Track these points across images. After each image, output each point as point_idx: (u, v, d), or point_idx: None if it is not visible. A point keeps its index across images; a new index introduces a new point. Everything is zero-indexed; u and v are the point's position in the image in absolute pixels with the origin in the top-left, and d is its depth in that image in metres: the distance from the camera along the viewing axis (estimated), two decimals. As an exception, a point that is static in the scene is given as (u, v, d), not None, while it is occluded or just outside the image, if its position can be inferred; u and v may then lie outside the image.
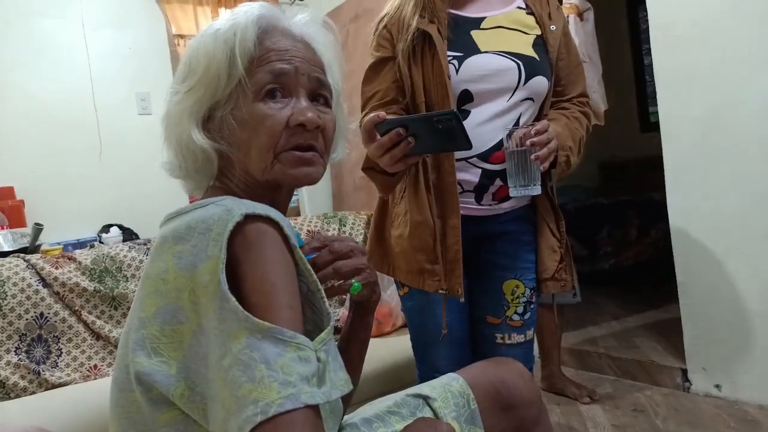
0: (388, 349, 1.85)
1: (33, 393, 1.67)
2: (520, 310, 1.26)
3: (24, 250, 2.05)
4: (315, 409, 0.58)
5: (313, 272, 0.68)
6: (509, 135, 1.11)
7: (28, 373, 1.69)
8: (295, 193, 3.56)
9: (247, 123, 0.72)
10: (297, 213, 3.22)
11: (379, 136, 1.00)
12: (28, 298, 1.76)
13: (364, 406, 0.95)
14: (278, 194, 0.76)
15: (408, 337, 1.99)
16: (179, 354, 0.62)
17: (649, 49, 2.19)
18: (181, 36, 3.06)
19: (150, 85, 2.80)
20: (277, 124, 0.72)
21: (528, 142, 1.07)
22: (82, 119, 2.63)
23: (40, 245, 2.16)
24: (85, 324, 1.83)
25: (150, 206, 2.40)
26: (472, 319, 1.30)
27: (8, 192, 2.38)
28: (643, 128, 4.74)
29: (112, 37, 2.75)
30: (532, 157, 1.08)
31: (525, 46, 1.20)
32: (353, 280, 0.82)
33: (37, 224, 2.15)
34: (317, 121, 0.73)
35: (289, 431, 0.55)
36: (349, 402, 0.90)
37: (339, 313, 2.13)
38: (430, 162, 1.18)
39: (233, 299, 0.59)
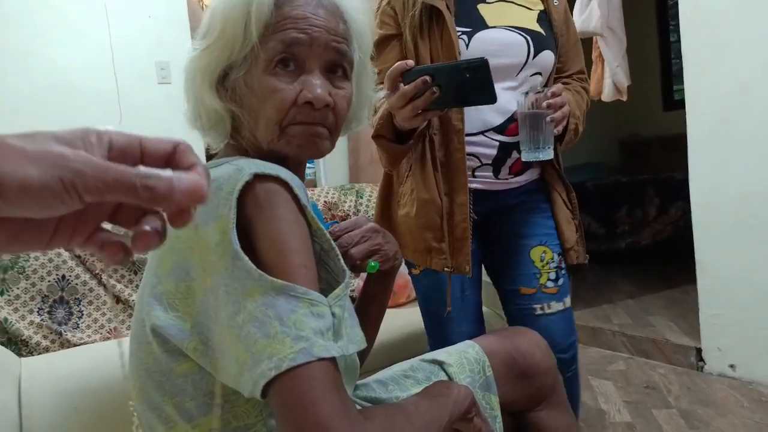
0: (403, 320, 1.86)
1: (55, 352, 1.72)
2: (553, 276, 1.25)
3: (46, 215, 2.08)
4: (332, 362, 0.59)
5: (325, 231, 0.68)
6: (525, 98, 1.10)
7: (50, 333, 1.73)
8: (311, 165, 3.54)
9: (257, 93, 0.71)
10: (314, 184, 3.22)
11: (402, 86, 0.98)
12: (50, 260, 1.80)
13: (379, 373, 0.96)
14: (285, 165, 0.74)
15: (422, 308, 2.00)
16: (193, 309, 0.63)
17: (676, 25, 2.14)
18: (205, 2, 3.04)
19: (169, 54, 2.80)
20: (285, 101, 0.70)
21: (544, 104, 1.07)
22: (102, 88, 2.64)
23: (61, 210, 2.19)
24: (106, 287, 1.86)
25: (168, 174, 2.41)
26: (506, 296, 1.29)
27: (30, 158, 2.41)
28: (666, 106, 4.65)
29: (132, 5, 2.74)
30: (548, 118, 1.07)
31: (531, 21, 1.19)
32: (370, 260, 0.84)
33: (58, 189, 2.18)
34: (326, 99, 0.70)
35: (304, 384, 0.56)
36: (363, 361, 0.91)
37: (354, 283, 2.14)
38: (437, 139, 1.17)
39: (246, 258, 0.59)
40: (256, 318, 0.57)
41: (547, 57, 1.19)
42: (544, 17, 1.21)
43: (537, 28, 1.19)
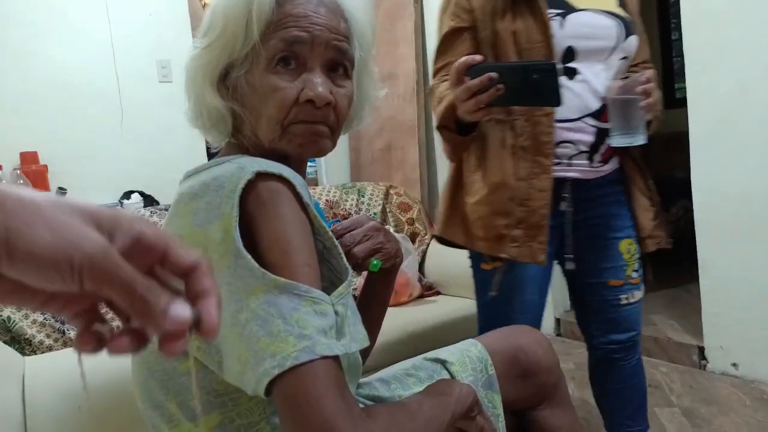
0: (405, 318, 1.86)
1: (58, 351, 1.72)
2: (636, 267, 1.28)
3: (48, 214, 2.08)
4: (335, 360, 0.59)
5: (328, 229, 0.68)
6: (612, 83, 1.11)
7: (53, 332, 1.74)
8: (313, 164, 3.53)
9: (258, 91, 0.71)
10: (315, 183, 3.22)
11: (468, 80, 0.97)
12: (53, 259, 1.80)
13: (381, 371, 0.96)
14: (287, 163, 0.74)
15: (423, 307, 2.01)
16: None
17: (678, 23, 2.13)
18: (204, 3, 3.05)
19: (170, 53, 2.80)
20: (286, 99, 0.70)
21: (639, 89, 1.07)
22: (103, 86, 2.64)
23: (63, 209, 2.19)
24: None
25: (170, 173, 2.41)
26: (589, 288, 1.30)
27: (32, 157, 2.41)
28: (667, 104, 4.63)
29: (133, 3, 2.74)
30: (642, 104, 1.07)
31: (613, 5, 1.19)
32: (372, 259, 0.84)
33: (60, 189, 2.19)
34: (327, 97, 0.70)
35: (308, 382, 0.56)
36: (366, 359, 0.91)
37: (356, 282, 2.15)
38: (519, 124, 1.15)
39: (248, 256, 0.59)
40: (258, 316, 0.58)
41: (634, 42, 1.19)
42: (621, 3, 1.21)
43: (621, 12, 1.19)
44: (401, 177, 2.97)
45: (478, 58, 0.97)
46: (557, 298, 2.76)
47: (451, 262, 2.16)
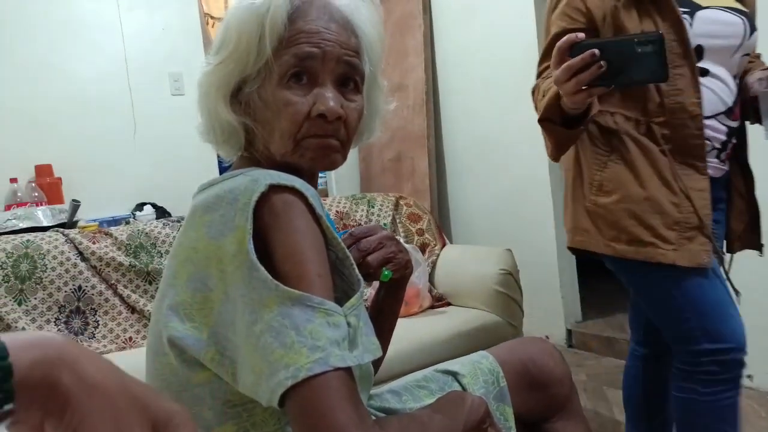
0: (415, 330, 1.86)
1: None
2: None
3: (62, 226, 2.11)
4: (348, 371, 0.59)
5: (340, 240, 0.69)
6: (763, 74, 1.11)
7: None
8: (323, 175, 3.53)
9: (271, 106, 0.72)
10: (325, 194, 3.24)
11: (569, 59, 0.94)
12: (67, 271, 1.82)
13: (392, 383, 0.96)
14: (299, 176, 0.74)
15: (434, 318, 2.00)
16: (210, 320, 0.64)
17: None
18: (212, 16, 3.08)
19: (182, 66, 2.84)
20: (298, 114, 0.71)
21: None
22: (117, 99, 2.68)
23: (77, 221, 2.22)
24: (121, 297, 1.88)
25: (183, 185, 2.44)
26: None
27: (47, 169, 2.44)
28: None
29: (146, 17, 2.79)
30: None
31: (734, 2, 1.17)
32: (384, 269, 0.84)
33: (74, 201, 2.22)
34: (338, 112, 0.71)
35: (322, 393, 0.56)
36: (377, 369, 0.91)
37: (367, 293, 2.15)
38: (658, 126, 1.12)
39: (262, 268, 0.60)
40: (272, 328, 0.58)
41: (755, 38, 1.18)
42: None
43: (742, 7, 1.17)
44: (411, 187, 2.98)
45: (580, 35, 0.94)
46: (568, 309, 2.74)
47: (462, 273, 2.16)
